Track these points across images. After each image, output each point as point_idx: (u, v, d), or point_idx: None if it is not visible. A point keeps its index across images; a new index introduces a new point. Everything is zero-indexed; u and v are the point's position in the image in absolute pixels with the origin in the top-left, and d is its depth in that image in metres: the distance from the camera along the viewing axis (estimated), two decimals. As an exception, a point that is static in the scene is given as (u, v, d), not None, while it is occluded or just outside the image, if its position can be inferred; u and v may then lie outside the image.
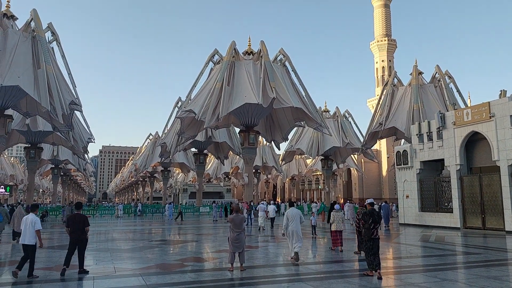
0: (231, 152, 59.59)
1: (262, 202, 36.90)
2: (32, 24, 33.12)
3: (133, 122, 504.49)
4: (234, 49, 39.70)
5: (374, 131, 43.58)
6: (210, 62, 41.27)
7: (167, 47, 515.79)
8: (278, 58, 40.70)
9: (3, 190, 59.14)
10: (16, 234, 18.74)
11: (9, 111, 34.51)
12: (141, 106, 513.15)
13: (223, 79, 36.73)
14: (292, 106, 36.32)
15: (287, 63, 40.49)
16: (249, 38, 43.57)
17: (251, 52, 42.24)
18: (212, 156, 71.07)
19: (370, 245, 10.10)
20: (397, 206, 37.67)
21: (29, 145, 45.85)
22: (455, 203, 24.92)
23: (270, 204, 31.05)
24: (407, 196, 28.96)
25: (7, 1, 34.84)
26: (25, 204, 37.31)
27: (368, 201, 11.16)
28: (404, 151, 29.37)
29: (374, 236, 10.14)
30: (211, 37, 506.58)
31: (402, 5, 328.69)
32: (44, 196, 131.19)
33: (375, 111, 45.00)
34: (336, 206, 16.15)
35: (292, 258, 12.20)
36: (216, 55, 41.10)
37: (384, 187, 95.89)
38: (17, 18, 35.22)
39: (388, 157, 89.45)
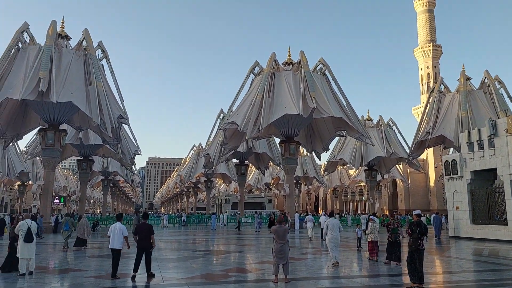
0: (271, 162, 59.69)
1: (309, 213, 36.76)
2: (84, 43, 35.15)
3: (178, 134, 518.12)
4: (274, 60, 40.08)
5: (421, 140, 42.14)
6: (251, 74, 41.86)
7: (209, 60, 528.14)
8: (318, 68, 40.56)
9: (57, 201, 62.51)
10: (80, 241, 19.98)
11: (63, 126, 36.62)
12: (185, 118, 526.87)
13: (264, 91, 37.09)
14: (332, 116, 35.99)
15: (327, 72, 40.27)
16: (289, 49, 43.83)
17: (291, 62, 42.43)
18: (253, 167, 71.51)
19: (416, 256, 9.89)
20: (446, 218, 36.10)
21: (82, 158, 48.26)
22: (510, 215, 23.52)
23: (323, 215, 30.96)
24: (457, 208, 27.69)
25: (62, 22, 37.22)
26: (78, 214, 39.24)
27: (415, 212, 11.14)
28: (453, 160, 28.17)
29: (421, 247, 9.99)
30: (251, 49, 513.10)
31: (447, 9, 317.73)
32: (95, 206, 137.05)
33: (422, 119, 43.57)
34: (372, 217, 16.88)
35: (333, 264, 13.59)
36: (256, 67, 41.66)
37: (432, 198, 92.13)
38: (71, 38, 37.51)
39: (435, 167, 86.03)
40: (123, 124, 37.08)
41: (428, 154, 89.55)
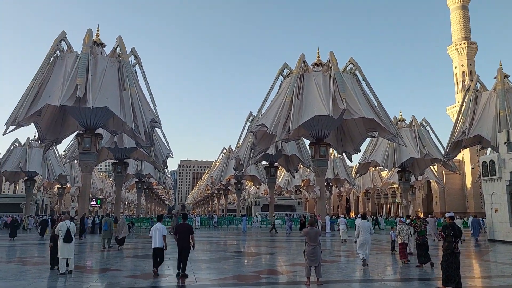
0: (301, 164, 59.37)
1: (341, 216, 36.32)
2: (118, 50, 36.27)
3: (208, 137, 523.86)
4: (303, 61, 39.85)
5: (457, 140, 40.80)
6: (280, 76, 41.79)
7: (239, 63, 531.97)
8: (348, 68, 40.01)
9: (94, 202, 64.61)
10: (117, 240, 20.87)
11: (99, 131, 37.86)
12: (215, 121, 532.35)
13: (293, 92, 37.00)
14: (363, 117, 35.45)
15: (357, 72, 39.67)
16: (318, 50, 43.48)
17: (320, 63, 42.05)
18: (283, 169, 71.32)
19: (452, 260, 9.65)
20: (483, 221, 34.82)
21: (117, 161, 49.69)
22: (555, 219, 22.41)
23: (359, 217, 30.77)
24: (496, 210, 26.64)
25: (97, 30, 38.56)
26: (114, 215, 40.39)
27: (448, 214, 10.95)
28: (491, 161, 27.14)
29: (456, 250, 9.77)
30: (280, 51, 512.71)
31: (482, 5, 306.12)
32: (129, 208, 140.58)
33: (457, 118, 42.19)
34: (403, 219, 17.05)
35: (364, 264, 13.86)
36: (285, 68, 41.55)
37: (469, 200, 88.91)
38: (105, 45, 38.73)
39: (472, 168, 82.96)
40: (155, 128, 37.95)
41: (464, 155, 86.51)
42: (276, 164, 58.51)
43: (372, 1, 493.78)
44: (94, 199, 65.31)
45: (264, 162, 60.17)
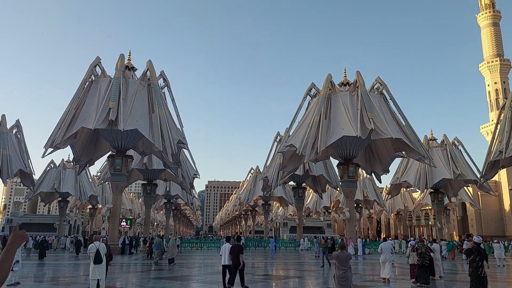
0: (328, 185, 58.51)
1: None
2: (148, 73, 37.41)
3: (235, 157, 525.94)
4: (330, 81, 39.76)
5: (494, 160, 39.21)
6: (308, 96, 41.79)
7: (265, 83, 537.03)
8: (375, 87, 39.63)
9: (124, 223, 65.63)
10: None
11: (129, 152, 38.76)
12: (242, 141, 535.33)
13: (321, 113, 36.85)
14: (391, 137, 34.80)
15: (384, 91, 39.22)
16: (345, 69, 43.37)
17: (347, 83, 41.86)
18: (311, 190, 70.46)
19: (480, 285, 9.23)
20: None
21: (146, 182, 50.54)
22: None
23: (412, 241, 30.16)
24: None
25: (129, 55, 40.03)
26: (143, 236, 40.79)
27: (475, 239, 10.41)
28: (531, 182, 25.86)
29: (483, 275, 9.45)
30: (306, 70, 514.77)
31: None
32: (158, 228, 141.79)
33: (493, 138, 40.69)
34: (412, 242, 17.78)
35: (384, 279, 15.94)
36: (313, 88, 41.52)
37: (508, 223, 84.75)
38: (136, 69, 40.12)
39: (510, 189, 79.39)
40: (182, 149, 38.49)
41: (501, 176, 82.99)
42: (303, 184, 57.91)
43: (400, 21, 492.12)
44: (124, 220, 66.31)
45: (291, 183, 59.65)
